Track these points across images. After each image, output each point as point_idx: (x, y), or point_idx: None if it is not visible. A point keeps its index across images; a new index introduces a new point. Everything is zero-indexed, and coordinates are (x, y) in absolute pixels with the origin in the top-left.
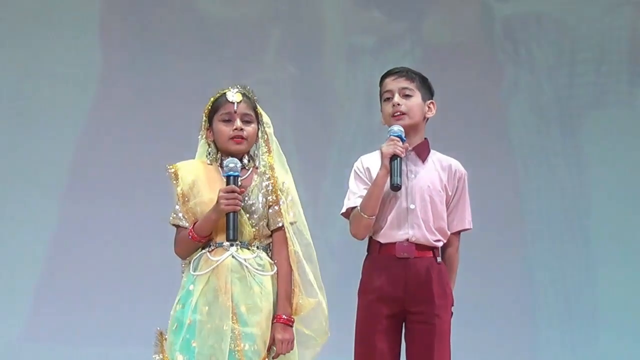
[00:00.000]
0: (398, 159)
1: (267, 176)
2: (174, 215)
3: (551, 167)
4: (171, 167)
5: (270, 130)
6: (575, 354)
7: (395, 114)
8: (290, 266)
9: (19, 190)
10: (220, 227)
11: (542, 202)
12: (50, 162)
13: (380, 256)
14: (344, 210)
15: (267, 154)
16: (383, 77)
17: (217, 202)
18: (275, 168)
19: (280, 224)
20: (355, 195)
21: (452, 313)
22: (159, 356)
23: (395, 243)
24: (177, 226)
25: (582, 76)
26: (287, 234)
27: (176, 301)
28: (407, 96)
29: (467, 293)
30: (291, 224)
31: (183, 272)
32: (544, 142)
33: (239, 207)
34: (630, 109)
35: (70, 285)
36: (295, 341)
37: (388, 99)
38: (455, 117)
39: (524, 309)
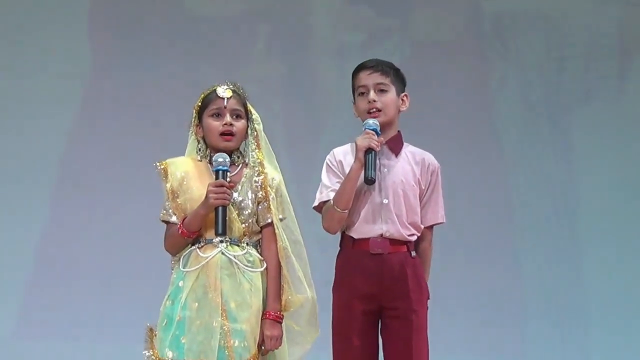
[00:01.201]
0: (373, 152)
1: (257, 172)
2: (164, 212)
3: (540, 161)
4: (160, 163)
5: (259, 127)
6: (564, 347)
7: (371, 111)
8: (280, 262)
9: (10, 185)
10: (209, 223)
11: (530, 196)
12: (41, 158)
13: (354, 252)
14: (316, 203)
15: (257, 150)
16: (357, 70)
17: (206, 196)
18: (265, 164)
19: (269, 220)
20: (328, 188)
21: (427, 307)
22: (149, 352)
23: (369, 239)
24: (167, 222)
25: (570, 72)
26: (276, 230)
27: (166, 297)
28: (382, 91)
29: (456, 286)
30: (280, 220)
31: (173, 269)
32: (532, 137)
33: (228, 202)
34: (617, 105)
35: (61, 281)
36: (284, 337)
37: (362, 93)
38: (444, 112)
39: (512, 302)
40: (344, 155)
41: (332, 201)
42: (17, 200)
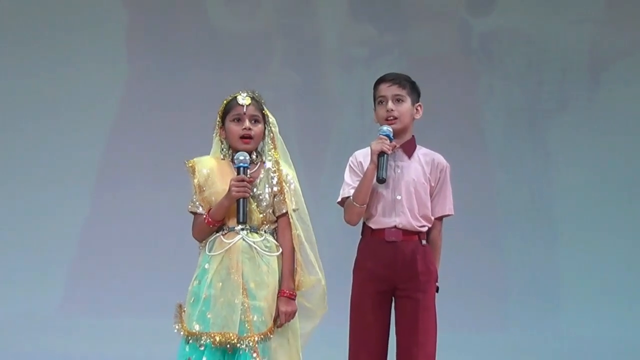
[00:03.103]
0: (385, 155)
1: (273, 169)
2: (192, 204)
3: (521, 162)
4: (189, 162)
5: (275, 129)
6: (541, 323)
7: (389, 118)
8: (294, 248)
9: (57, 181)
10: (232, 213)
11: (512, 189)
12: (84, 155)
13: (372, 239)
14: (339, 199)
15: (273, 150)
16: (378, 82)
17: (229, 190)
18: (280, 162)
19: (284, 211)
20: (349, 186)
21: (437, 288)
22: (178, 326)
23: (384, 229)
24: (195, 213)
25: (548, 84)
26: (291, 220)
27: (193, 278)
28: (399, 101)
29: (448, 270)
30: (294, 210)
31: (199, 253)
32: (515, 141)
33: (248, 194)
34: (589, 112)
35: (102, 264)
36: (297, 313)
37: (382, 102)
38: (437, 119)
39: (496, 284)
40: (364, 157)
41: (351, 197)
42: (63, 193)
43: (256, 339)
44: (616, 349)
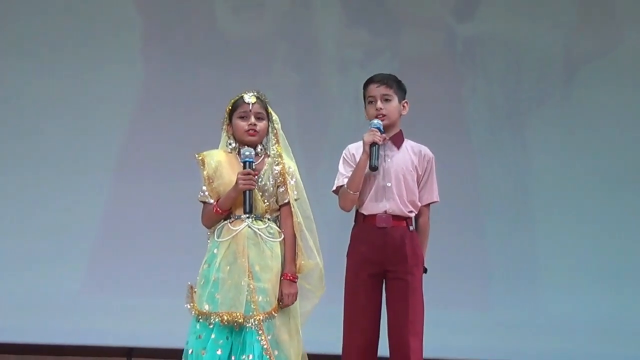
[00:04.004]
0: (376, 145)
1: (276, 162)
2: (202, 194)
3: (502, 154)
4: (199, 155)
5: (278, 125)
6: (521, 301)
7: (378, 116)
8: (295, 234)
9: (80, 172)
10: (238, 203)
11: (493, 177)
12: (105, 149)
13: (364, 225)
14: (334, 188)
15: (276, 144)
16: (367, 83)
17: (236, 182)
18: (283, 156)
19: (286, 200)
20: (343, 176)
21: (425, 269)
22: (189, 305)
23: (375, 215)
24: (204, 202)
25: (526, 83)
26: (292, 209)
27: (203, 262)
28: (387, 100)
29: (435, 253)
30: (295, 200)
31: (209, 239)
32: (496, 135)
33: (254, 187)
34: (564, 108)
35: (119, 249)
36: (298, 294)
37: (371, 102)
38: (426, 115)
39: (479, 266)
40: (356, 149)
41: (346, 185)
42: (85, 181)
43: (261, 317)
44: (590, 322)
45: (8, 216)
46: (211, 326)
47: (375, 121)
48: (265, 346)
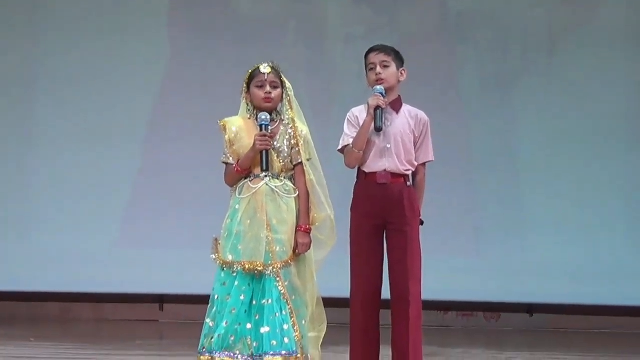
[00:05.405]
0: (380, 109)
1: (290, 126)
2: (224, 156)
3: (491, 116)
4: (221, 121)
5: (291, 93)
6: (509, 248)
7: (378, 81)
8: (308, 190)
9: (115, 138)
10: (257, 163)
11: (484, 140)
12: (137, 117)
13: (366, 182)
14: (339, 147)
15: (290, 110)
16: (368, 52)
17: (254, 144)
18: (296, 120)
19: (299, 160)
20: (348, 136)
21: (422, 221)
22: (215, 256)
23: (376, 172)
24: (226, 163)
25: (513, 52)
26: (305, 168)
27: (226, 216)
28: (385, 67)
29: (432, 206)
30: (308, 160)
31: (231, 196)
32: (486, 100)
33: (270, 147)
34: (547, 76)
35: (150, 207)
36: (312, 244)
37: (372, 69)
38: (423, 83)
39: (471, 217)
40: (360, 112)
41: (351, 144)
42: (120, 147)
43: (279, 266)
44: (571, 265)
45: (51, 179)
46: (234, 274)
47: (379, 87)
48: (282, 291)
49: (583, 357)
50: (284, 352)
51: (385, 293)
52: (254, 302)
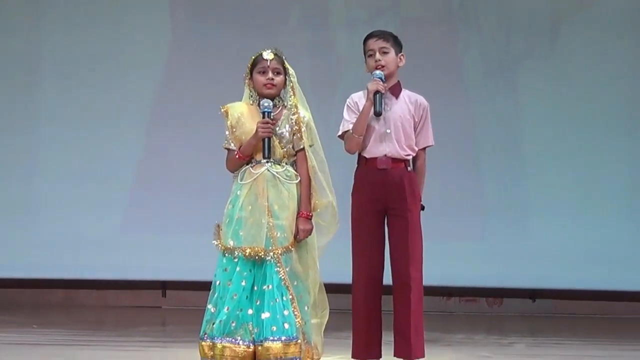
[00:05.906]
0: (379, 93)
1: (293, 112)
2: (226, 142)
3: (495, 101)
4: (223, 107)
5: (294, 79)
6: (512, 231)
7: (378, 67)
8: (309, 176)
9: (118, 121)
10: (258, 149)
11: (488, 123)
12: (140, 102)
13: (367, 167)
14: (339, 133)
15: (293, 96)
16: (366, 38)
17: (256, 130)
18: (298, 106)
19: (301, 146)
20: (347, 122)
21: (423, 207)
22: (216, 241)
23: (376, 158)
24: (228, 149)
25: (515, 38)
26: (307, 154)
27: (228, 202)
28: (384, 53)
29: (433, 190)
30: (310, 146)
31: (233, 182)
32: (489, 84)
33: (272, 134)
34: (550, 60)
35: (153, 192)
36: (314, 230)
37: (371, 55)
38: (426, 66)
39: (473, 202)
40: (359, 98)
41: (351, 130)
42: (124, 132)
43: (280, 251)
44: (574, 249)
45: (53, 165)
46: (236, 260)
47: (378, 72)
48: (283, 277)
49: (586, 342)
50: (284, 338)
51: (387, 279)
52: (255, 288)
